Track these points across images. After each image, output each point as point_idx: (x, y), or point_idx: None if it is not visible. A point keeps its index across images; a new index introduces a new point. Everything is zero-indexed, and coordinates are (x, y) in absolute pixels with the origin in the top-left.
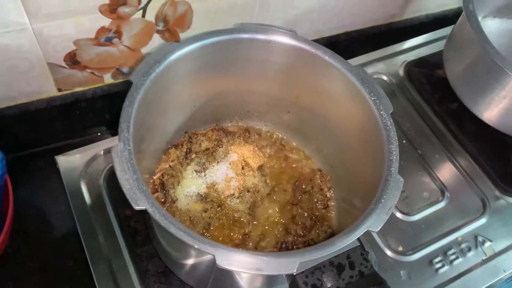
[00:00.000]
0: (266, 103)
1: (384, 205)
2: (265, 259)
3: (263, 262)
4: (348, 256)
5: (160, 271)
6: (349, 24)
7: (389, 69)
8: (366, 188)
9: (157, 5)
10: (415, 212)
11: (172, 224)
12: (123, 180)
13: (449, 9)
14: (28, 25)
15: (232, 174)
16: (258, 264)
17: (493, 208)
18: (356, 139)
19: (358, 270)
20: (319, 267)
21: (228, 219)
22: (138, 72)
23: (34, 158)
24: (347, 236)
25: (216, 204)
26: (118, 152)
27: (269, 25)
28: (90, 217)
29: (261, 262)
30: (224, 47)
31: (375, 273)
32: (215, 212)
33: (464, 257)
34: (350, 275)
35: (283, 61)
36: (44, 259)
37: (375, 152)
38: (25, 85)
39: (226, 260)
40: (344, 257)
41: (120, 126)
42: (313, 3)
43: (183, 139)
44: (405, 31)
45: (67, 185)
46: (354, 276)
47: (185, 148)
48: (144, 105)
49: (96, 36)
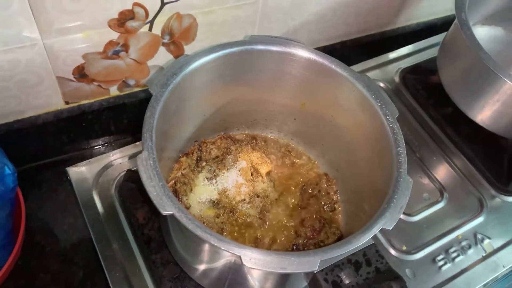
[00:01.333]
0: (273, 111)
1: (396, 204)
2: (289, 258)
3: (287, 261)
4: (364, 253)
5: (176, 277)
6: (344, 34)
7: (384, 76)
8: (373, 190)
9: (163, 18)
10: (416, 213)
11: (199, 228)
12: (149, 187)
13: (438, 17)
14: (40, 41)
15: (242, 180)
16: (282, 263)
17: (490, 206)
18: (362, 143)
19: (374, 267)
20: (337, 264)
21: (240, 223)
22: (157, 84)
23: (41, 170)
24: (363, 234)
25: (228, 209)
26: (143, 160)
27: (278, 37)
28: (104, 226)
29: (285, 261)
30: (236, 59)
31: (391, 269)
32: (227, 217)
33: (465, 254)
34: (367, 271)
35: (292, 71)
36: (55, 270)
37: (383, 155)
38: (34, 99)
39: (251, 260)
40: (361, 254)
41: (143, 136)
42: (311, 14)
43: (193, 147)
44: (397, 39)
45: (79, 195)
46: (371, 272)
47: (195, 157)
48: (162, 116)
49: (104, 50)
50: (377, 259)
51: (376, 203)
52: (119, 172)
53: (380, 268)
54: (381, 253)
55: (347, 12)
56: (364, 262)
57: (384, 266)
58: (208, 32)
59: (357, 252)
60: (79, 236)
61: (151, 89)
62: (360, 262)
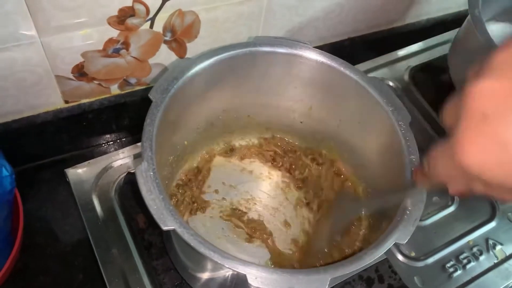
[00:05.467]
0: (278, 115)
1: (409, 216)
2: (297, 276)
3: (295, 279)
4: (377, 269)
5: (177, 284)
6: (352, 30)
7: (394, 74)
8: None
9: (165, 15)
10: (425, 217)
11: (201, 244)
12: (149, 200)
13: (449, 13)
14: (37, 38)
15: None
16: (290, 282)
17: (502, 211)
18: (372, 149)
19: (387, 283)
20: (348, 281)
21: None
22: (157, 90)
23: (41, 170)
24: (375, 250)
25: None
26: (143, 172)
27: (283, 38)
28: (103, 230)
29: (292, 279)
30: (240, 61)
31: (404, 286)
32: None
33: (476, 261)
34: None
35: (298, 74)
36: (55, 272)
37: (394, 163)
38: (32, 98)
39: (257, 279)
40: (373, 270)
41: (143, 145)
42: (317, 10)
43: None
44: (406, 35)
45: (78, 198)
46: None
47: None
48: (163, 123)
49: (104, 48)
50: (390, 275)
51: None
52: (119, 174)
53: (393, 285)
54: (394, 269)
55: (355, 7)
56: (376, 279)
57: (398, 283)
58: (211, 29)
59: (369, 268)
60: (79, 238)
61: (151, 95)
62: (372, 279)
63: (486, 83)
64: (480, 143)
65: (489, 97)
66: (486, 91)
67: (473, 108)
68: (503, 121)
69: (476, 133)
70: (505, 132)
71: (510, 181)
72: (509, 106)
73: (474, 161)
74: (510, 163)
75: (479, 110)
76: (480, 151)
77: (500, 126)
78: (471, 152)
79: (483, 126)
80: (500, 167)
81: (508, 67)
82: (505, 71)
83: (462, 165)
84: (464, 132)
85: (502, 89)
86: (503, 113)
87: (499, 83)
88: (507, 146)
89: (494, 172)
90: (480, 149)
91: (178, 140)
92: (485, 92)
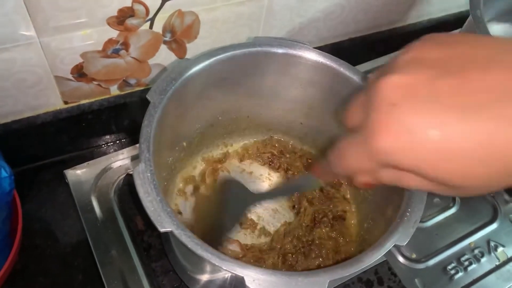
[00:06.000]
0: (277, 116)
1: (409, 218)
2: (295, 278)
3: (293, 281)
4: (376, 271)
5: (176, 286)
6: (353, 31)
7: None
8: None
9: (164, 16)
10: (426, 219)
11: (199, 246)
12: (146, 202)
13: (450, 14)
14: (36, 39)
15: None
16: (288, 284)
17: (504, 212)
18: None
19: (387, 286)
20: (348, 284)
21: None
22: (155, 90)
23: (40, 171)
24: (375, 251)
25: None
26: (140, 173)
27: (282, 38)
28: (102, 232)
29: (291, 282)
30: (239, 62)
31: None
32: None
33: (478, 263)
34: None
35: (298, 74)
36: (54, 274)
37: None
38: (32, 99)
39: (255, 281)
40: (372, 272)
41: (140, 146)
42: (318, 11)
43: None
44: (407, 36)
45: (77, 199)
46: None
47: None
48: (161, 124)
49: (104, 48)
50: (389, 277)
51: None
52: (118, 175)
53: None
54: (393, 271)
55: (356, 8)
56: (376, 281)
57: (397, 285)
58: (211, 29)
59: (369, 270)
60: (78, 239)
61: (149, 96)
62: (371, 281)
63: (393, 77)
64: (391, 129)
65: (396, 88)
66: (394, 84)
67: (383, 99)
68: (410, 108)
69: (387, 121)
70: (412, 118)
71: (422, 164)
72: (413, 95)
73: (388, 146)
74: (419, 145)
75: (388, 101)
76: (392, 137)
77: (408, 113)
78: (384, 138)
79: (392, 114)
80: (412, 150)
81: (411, 65)
82: (408, 68)
83: (376, 152)
84: (376, 121)
85: (407, 82)
86: (409, 101)
87: (404, 77)
88: (415, 129)
89: (406, 155)
90: (392, 134)
91: (177, 141)
92: (393, 85)
